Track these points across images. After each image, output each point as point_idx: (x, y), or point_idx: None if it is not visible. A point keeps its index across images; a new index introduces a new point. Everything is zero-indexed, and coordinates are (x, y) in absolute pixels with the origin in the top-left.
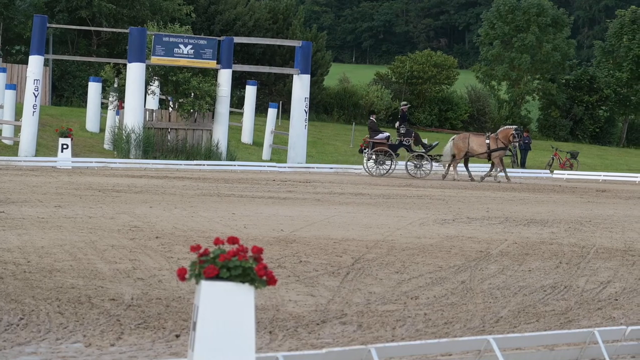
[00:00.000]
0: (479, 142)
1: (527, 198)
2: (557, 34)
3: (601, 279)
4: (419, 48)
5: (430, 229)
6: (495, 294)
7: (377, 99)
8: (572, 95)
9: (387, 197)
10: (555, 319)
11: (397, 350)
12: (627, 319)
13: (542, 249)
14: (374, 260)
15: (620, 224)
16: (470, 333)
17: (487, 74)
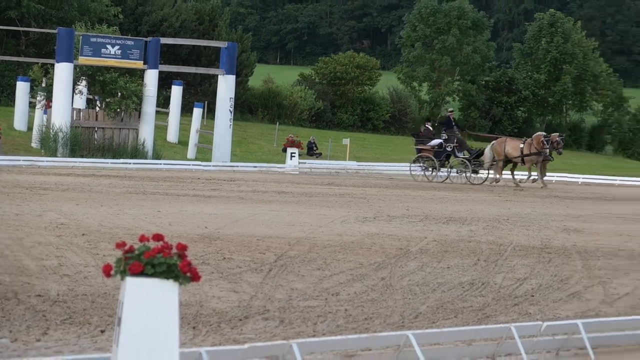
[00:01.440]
0: (513, 146)
1: (446, 197)
2: (478, 37)
3: (518, 275)
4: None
5: (352, 227)
6: (414, 291)
7: (300, 99)
8: (491, 96)
9: (309, 195)
10: (473, 315)
11: (318, 346)
12: (543, 314)
13: (460, 247)
14: (296, 258)
15: (537, 222)
16: (389, 328)
17: (408, 75)
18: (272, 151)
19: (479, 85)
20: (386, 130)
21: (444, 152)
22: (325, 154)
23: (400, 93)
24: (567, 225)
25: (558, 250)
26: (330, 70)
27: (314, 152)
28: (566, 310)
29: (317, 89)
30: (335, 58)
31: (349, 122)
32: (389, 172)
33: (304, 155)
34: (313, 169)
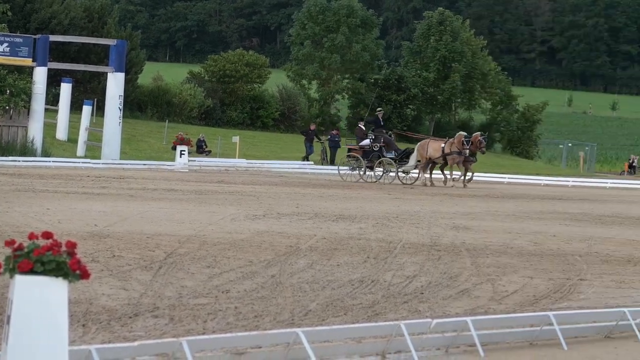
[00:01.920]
0: (435, 148)
1: (336, 194)
2: (367, 35)
3: (407, 273)
4: (231, 47)
5: (242, 225)
6: (304, 288)
7: (190, 97)
8: (380, 94)
9: (199, 193)
10: (362, 312)
11: (208, 343)
12: (433, 312)
13: (350, 244)
14: (186, 255)
15: (427, 220)
16: (279, 326)
17: (297, 73)
18: (162, 149)
19: (368, 84)
20: (275, 128)
21: (372, 152)
22: (214, 152)
23: (290, 91)
24: (456, 222)
25: (447, 247)
26: (220, 68)
27: (204, 150)
28: (455, 307)
29: (206, 86)
30: (225, 56)
31: (238, 120)
32: (279, 170)
33: (194, 153)
34: (203, 166)
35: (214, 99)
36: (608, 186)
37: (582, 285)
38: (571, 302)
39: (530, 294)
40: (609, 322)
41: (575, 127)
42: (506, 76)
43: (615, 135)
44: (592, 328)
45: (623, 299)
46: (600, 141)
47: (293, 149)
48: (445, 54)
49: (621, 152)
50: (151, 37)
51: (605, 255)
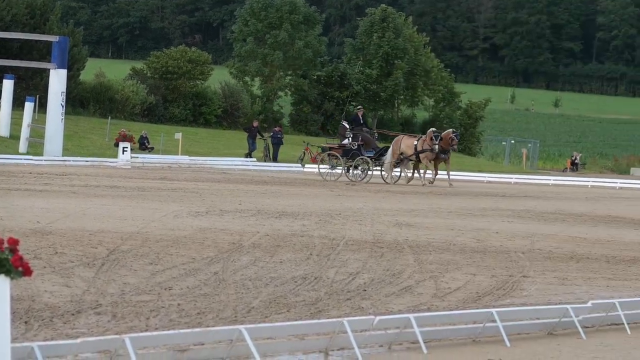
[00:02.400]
0: (407, 144)
1: (279, 191)
2: (309, 32)
3: (350, 270)
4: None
5: (184, 221)
6: (247, 285)
7: (132, 93)
8: (323, 91)
9: (142, 189)
10: (305, 309)
11: (151, 340)
12: (376, 309)
13: (293, 241)
14: (129, 252)
15: (370, 217)
16: (222, 323)
17: (240, 70)
18: (104, 145)
19: (311, 80)
20: (218, 125)
21: (351, 151)
22: (157, 149)
23: (232, 88)
24: (399, 219)
25: (390, 244)
26: (162, 64)
27: (146, 147)
28: (398, 304)
29: (149, 83)
30: (167, 52)
31: (181, 116)
32: (222, 167)
33: (136, 149)
34: (145, 163)
35: (157, 96)
36: (551, 183)
37: (525, 282)
38: (514, 299)
39: (473, 291)
40: (552, 319)
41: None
42: (449, 73)
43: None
44: (535, 325)
45: (566, 296)
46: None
47: (236, 146)
48: (387, 51)
49: (564, 149)
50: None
51: (548, 252)
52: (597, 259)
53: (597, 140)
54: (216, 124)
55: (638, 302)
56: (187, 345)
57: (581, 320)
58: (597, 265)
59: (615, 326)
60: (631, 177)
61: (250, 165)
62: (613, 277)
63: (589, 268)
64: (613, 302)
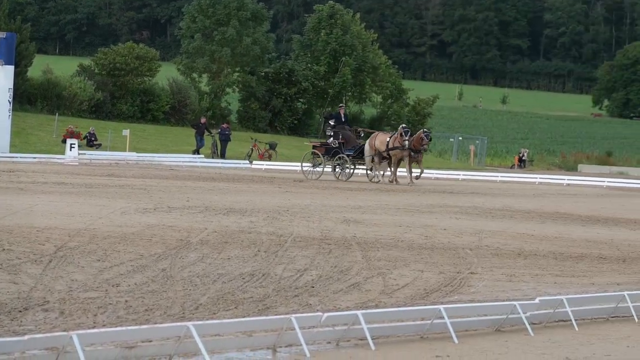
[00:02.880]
0: (381, 140)
1: (226, 188)
2: (257, 28)
3: (298, 266)
4: (121, 40)
5: (132, 218)
6: (195, 282)
7: (80, 90)
8: (271, 87)
9: (89, 186)
10: (253, 306)
11: (98, 337)
12: (324, 305)
13: (241, 238)
14: (77, 249)
15: (317, 213)
16: (170, 320)
17: (188, 67)
18: (52, 142)
19: (259, 77)
20: (166, 122)
21: (332, 149)
22: (105, 145)
23: (180, 84)
24: (347, 216)
25: (338, 241)
26: (110, 61)
27: (94, 143)
28: (346, 301)
29: (96, 80)
30: (115, 49)
31: (128, 113)
32: (169, 163)
33: (84, 146)
34: (93, 160)
35: (104, 92)
36: (498, 180)
37: (473, 279)
38: (462, 296)
39: (421, 288)
40: (500, 316)
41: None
42: (397, 70)
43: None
44: (483, 321)
45: (513, 292)
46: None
47: (184, 143)
48: (335, 48)
49: (511, 145)
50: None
51: (496, 248)
52: (545, 255)
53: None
54: (164, 121)
55: (585, 299)
56: (135, 342)
57: (529, 316)
58: (545, 262)
59: (562, 323)
60: (578, 173)
61: (198, 161)
62: (561, 273)
63: (537, 265)
64: (561, 299)
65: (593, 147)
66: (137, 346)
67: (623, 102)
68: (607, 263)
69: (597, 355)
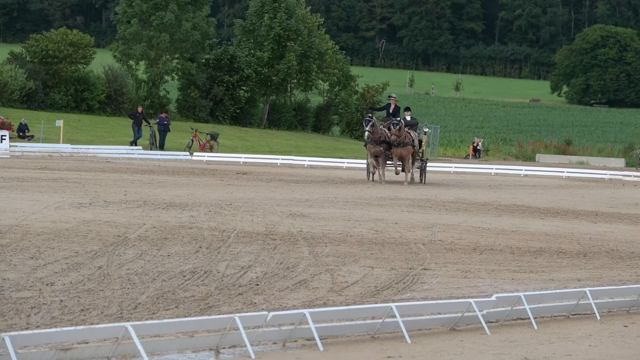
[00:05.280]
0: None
1: (166, 181)
2: (197, 12)
3: (242, 263)
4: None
5: (67, 213)
6: (133, 280)
7: (11, 79)
8: (212, 75)
9: (21, 180)
10: (195, 305)
11: (32, 339)
12: (269, 304)
13: (181, 233)
14: (8, 246)
15: (262, 207)
16: (107, 320)
17: (124, 53)
18: None
19: (199, 64)
20: (102, 111)
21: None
22: (37, 137)
23: (116, 72)
24: (293, 210)
25: (284, 236)
26: (42, 48)
27: (26, 135)
28: (293, 299)
29: (28, 67)
30: (47, 35)
31: (62, 102)
32: (106, 156)
33: (15, 138)
34: (25, 152)
35: (37, 81)
36: (452, 170)
37: (426, 275)
38: (414, 293)
39: (372, 285)
40: (455, 314)
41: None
42: (344, 55)
43: (459, 117)
44: (437, 320)
45: (469, 289)
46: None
47: (120, 133)
48: (280, 32)
49: (465, 134)
50: None
51: (450, 243)
52: (502, 250)
53: (500, 125)
54: (99, 110)
55: (545, 295)
56: (71, 344)
57: (485, 314)
58: (502, 257)
59: (521, 321)
60: (536, 164)
61: (136, 153)
62: (518, 269)
63: (493, 260)
64: (518, 296)
65: (551, 135)
66: (73, 348)
67: (583, 88)
68: (567, 258)
69: (557, 354)
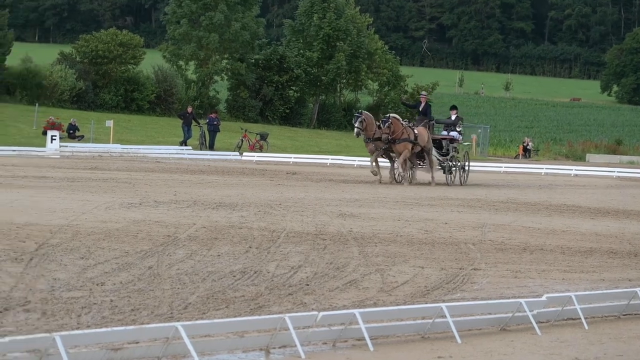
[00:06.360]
0: None
1: (215, 181)
2: (246, 13)
3: (292, 263)
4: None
5: (117, 213)
6: (183, 280)
7: (61, 79)
8: (261, 75)
9: (71, 180)
10: (245, 305)
11: (83, 338)
12: (319, 304)
13: (231, 233)
14: (59, 246)
15: (312, 207)
16: (158, 320)
17: (174, 54)
18: (32, 134)
19: (249, 64)
20: (151, 112)
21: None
22: (87, 137)
23: (166, 72)
24: (342, 210)
25: (334, 236)
26: (92, 48)
27: (76, 135)
28: (343, 299)
29: (78, 68)
30: (97, 36)
31: (112, 102)
32: (155, 156)
33: (66, 138)
34: (75, 152)
35: (87, 81)
36: (502, 170)
37: (476, 275)
38: (465, 293)
39: (422, 285)
40: (505, 314)
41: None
42: (394, 55)
43: (508, 117)
44: (487, 320)
45: (519, 290)
46: (494, 123)
47: (170, 134)
48: (329, 32)
49: (515, 134)
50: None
51: (500, 243)
52: (552, 250)
53: (550, 125)
54: (149, 111)
55: (595, 296)
56: (121, 344)
57: (536, 315)
58: (552, 257)
59: (571, 321)
60: (587, 163)
61: (186, 153)
62: (569, 269)
63: (544, 260)
64: (569, 296)
65: (602, 135)
66: (123, 348)
67: (633, 88)
68: (618, 258)
69: (608, 355)
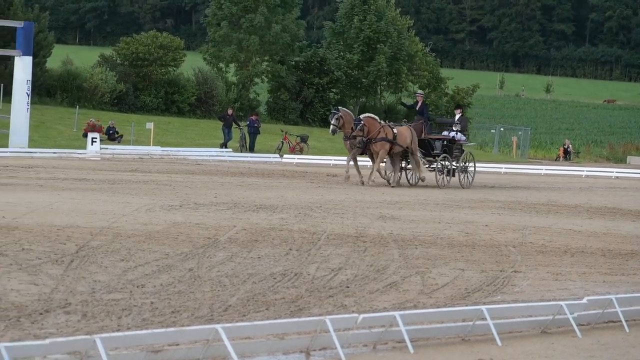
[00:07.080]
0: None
1: (256, 183)
2: (287, 15)
3: (332, 265)
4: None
5: (157, 215)
6: (223, 282)
7: (101, 81)
8: (302, 77)
9: (112, 182)
10: (285, 307)
11: (123, 340)
12: (359, 306)
13: (271, 235)
14: (99, 248)
15: (352, 210)
16: (198, 322)
17: (214, 56)
18: (72, 136)
19: (289, 66)
20: (192, 114)
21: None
22: (128, 139)
23: (206, 74)
24: (383, 212)
25: (374, 238)
26: (132, 50)
27: (115, 137)
28: (383, 301)
29: (118, 70)
30: (138, 38)
31: (152, 105)
32: (196, 158)
33: (106, 140)
34: (115, 154)
35: (127, 84)
36: (543, 173)
37: (517, 278)
38: (505, 296)
39: (462, 287)
40: (545, 316)
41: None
42: (434, 57)
43: (549, 119)
44: (528, 322)
45: (560, 292)
46: (534, 125)
47: (210, 136)
48: (369, 35)
49: (556, 136)
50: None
51: (541, 245)
52: (593, 252)
53: (591, 127)
54: (190, 113)
55: (636, 298)
56: (161, 346)
57: (576, 317)
58: (593, 260)
59: (612, 324)
60: (628, 166)
61: (226, 155)
62: (609, 271)
63: (584, 262)
64: (610, 299)
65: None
66: (163, 350)
67: None
68: None
69: None
